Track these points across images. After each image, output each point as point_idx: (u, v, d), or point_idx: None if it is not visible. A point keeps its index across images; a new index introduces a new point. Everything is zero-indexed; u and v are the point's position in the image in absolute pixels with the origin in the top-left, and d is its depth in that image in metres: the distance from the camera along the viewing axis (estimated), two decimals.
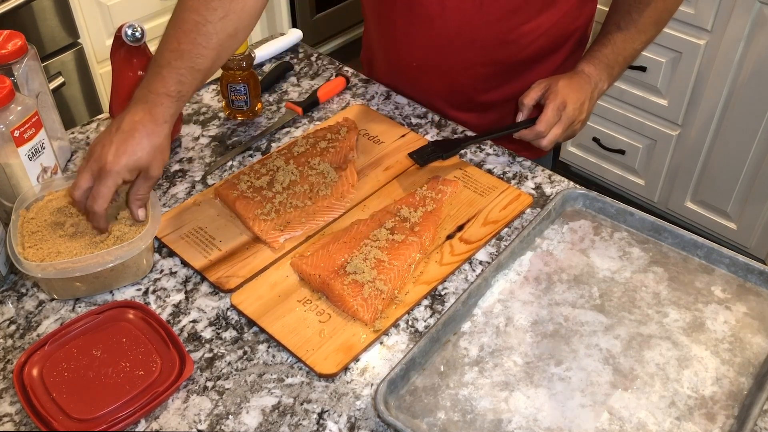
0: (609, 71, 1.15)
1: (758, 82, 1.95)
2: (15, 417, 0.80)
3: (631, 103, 2.25)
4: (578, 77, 1.12)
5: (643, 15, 1.14)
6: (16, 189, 0.97)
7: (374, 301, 0.88)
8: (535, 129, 1.08)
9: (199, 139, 1.19)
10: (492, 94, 1.23)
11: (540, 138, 1.09)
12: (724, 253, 0.96)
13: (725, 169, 2.14)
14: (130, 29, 1.04)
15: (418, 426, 0.78)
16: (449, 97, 1.25)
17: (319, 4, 3.07)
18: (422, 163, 1.10)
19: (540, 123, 1.08)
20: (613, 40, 1.15)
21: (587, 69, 1.14)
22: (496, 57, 1.17)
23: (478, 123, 1.26)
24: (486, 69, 1.19)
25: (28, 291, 0.94)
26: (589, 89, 1.12)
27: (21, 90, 1.02)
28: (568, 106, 1.08)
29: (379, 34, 1.29)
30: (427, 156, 1.10)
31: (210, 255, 0.97)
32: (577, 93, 1.10)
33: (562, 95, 1.08)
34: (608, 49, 1.15)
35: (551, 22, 1.14)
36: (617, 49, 1.15)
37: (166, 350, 0.84)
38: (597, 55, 1.15)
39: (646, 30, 1.16)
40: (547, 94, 1.10)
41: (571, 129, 1.11)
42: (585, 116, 1.13)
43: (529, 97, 1.11)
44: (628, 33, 1.15)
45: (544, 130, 1.08)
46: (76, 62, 2.06)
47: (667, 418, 0.79)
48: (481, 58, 1.17)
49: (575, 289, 0.94)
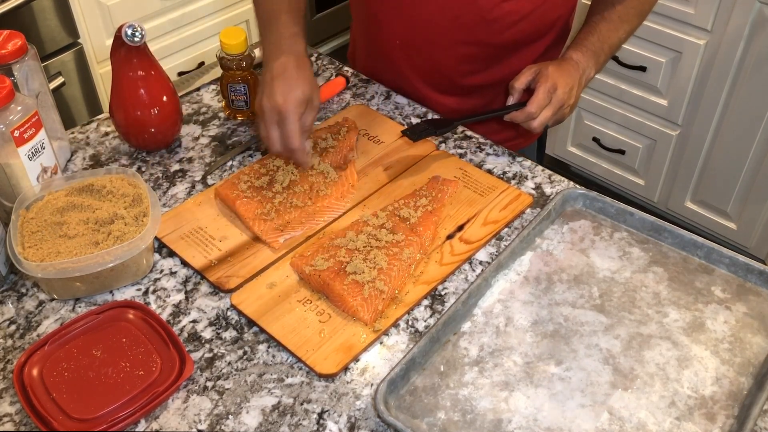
0: (596, 58, 1.18)
1: (758, 82, 1.95)
2: (15, 417, 0.80)
3: (631, 103, 2.25)
4: (567, 63, 1.15)
5: (626, 5, 1.18)
6: (16, 189, 0.97)
7: (374, 301, 0.88)
8: (526, 110, 1.10)
9: (199, 139, 1.19)
10: (474, 78, 1.24)
11: (531, 119, 1.11)
12: (724, 253, 0.96)
13: (725, 169, 2.14)
14: (130, 29, 1.04)
15: (418, 426, 0.78)
16: (431, 80, 1.26)
17: (319, 4, 3.07)
18: (414, 138, 1.11)
19: (531, 104, 1.10)
20: (598, 28, 1.18)
21: (575, 56, 1.17)
22: (478, 37, 1.18)
23: (459, 107, 1.28)
24: (468, 49, 1.20)
25: (28, 291, 0.94)
26: (578, 75, 1.15)
27: (21, 90, 1.02)
28: (558, 89, 1.11)
29: (362, 17, 1.31)
30: (419, 132, 1.11)
31: (210, 255, 0.97)
32: (566, 77, 1.13)
33: (553, 79, 1.11)
34: (594, 37, 1.18)
35: (533, 5, 1.16)
36: (602, 38, 1.18)
37: (166, 350, 0.84)
38: (584, 42, 1.18)
39: (629, 20, 1.19)
40: (537, 78, 1.13)
41: (560, 112, 1.14)
42: (574, 101, 1.16)
43: (520, 81, 1.14)
44: (612, 23, 1.18)
45: (535, 111, 1.10)
46: (76, 62, 2.05)
47: (667, 418, 0.79)
48: (463, 36, 1.18)
49: (575, 289, 0.94)
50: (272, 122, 0.98)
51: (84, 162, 1.15)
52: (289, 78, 0.99)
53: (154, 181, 1.11)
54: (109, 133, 1.20)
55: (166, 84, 1.12)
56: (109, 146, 1.18)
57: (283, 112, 0.97)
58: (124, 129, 1.13)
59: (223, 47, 1.16)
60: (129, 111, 1.10)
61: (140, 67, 1.08)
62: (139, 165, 1.14)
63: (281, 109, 0.97)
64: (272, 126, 0.98)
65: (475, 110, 1.28)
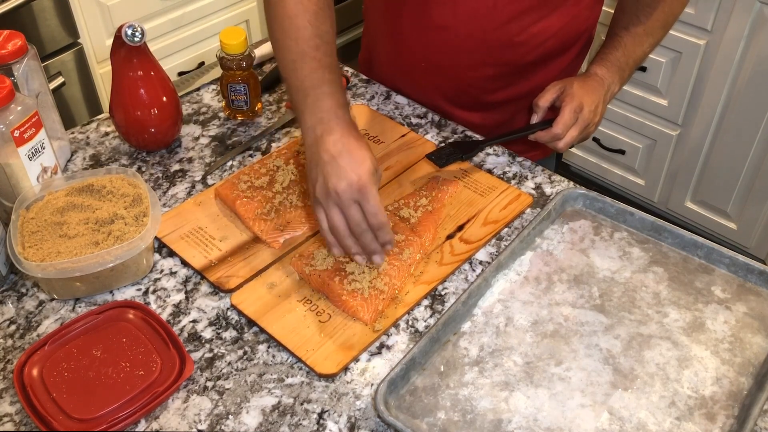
0: (620, 74, 1.16)
1: (758, 82, 1.95)
2: (15, 417, 0.80)
3: (631, 103, 2.25)
4: (592, 80, 1.13)
5: (651, 18, 1.15)
6: (16, 189, 0.97)
7: (374, 301, 0.88)
8: (553, 131, 1.08)
9: (199, 139, 1.19)
10: (498, 94, 1.23)
11: (557, 140, 1.09)
12: (724, 253, 0.96)
13: (725, 169, 2.14)
14: (130, 29, 1.04)
15: (418, 426, 0.78)
16: (454, 98, 1.25)
17: None
18: (441, 164, 1.09)
19: (557, 125, 1.08)
20: (623, 42, 1.16)
21: (600, 72, 1.14)
22: (504, 58, 1.17)
23: (482, 123, 1.25)
24: (493, 70, 1.18)
25: (28, 291, 0.94)
26: (603, 92, 1.13)
27: (21, 90, 1.02)
28: (584, 109, 1.09)
29: (384, 36, 1.28)
30: (446, 157, 1.09)
31: (210, 255, 0.97)
32: (591, 95, 1.10)
33: (578, 97, 1.09)
34: (619, 52, 1.16)
35: (562, 23, 1.14)
36: (627, 52, 1.16)
37: (166, 350, 0.84)
38: (609, 57, 1.16)
39: (654, 33, 1.17)
40: (562, 97, 1.10)
41: (586, 131, 1.12)
42: (599, 118, 1.13)
43: (544, 99, 1.11)
44: (637, 36, 1.16)
45: (561, 132, 1.08)
46: (76, 62, 2.05)
47: (667, 418, 0.79)
48: (489, 58, 1.17)
49: (575, 289, 0.94)
50: (350, 203, 0.84)
51: (84, 162, 1.15)
52: (354, 152, 0.85)
53: (154, 181, 1.11)
54: (109, 133, 1.20)
55: (166, 84, 1.12)
56: (109, 146, 1.18)
57: (363, 188, 0.83)
58: (124, 129, 1.13)
59: (223, 47, 1.16)
60: (129, 111, 1.10)
61: (140, 67, 1.08)
62: (139, 165, 1.14)
63: (360, 186, 0.83)
64: (351, 206, 0.84)
65: (498, 124, 1.26)
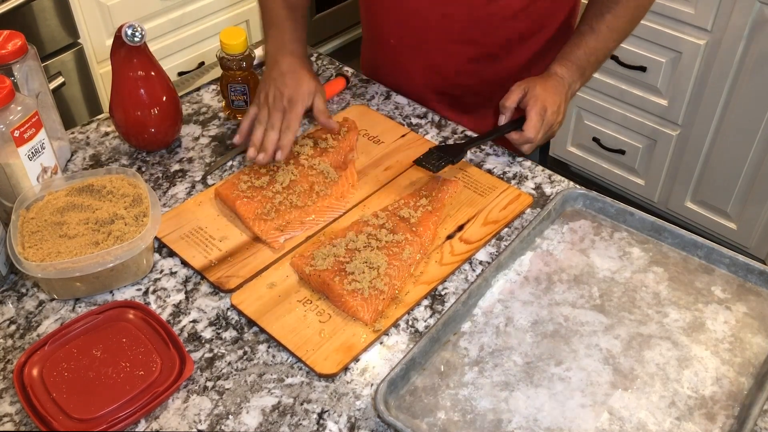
0: (581, 72, 1.17)
1: (758, 82, 1.95)
2: (15, 417, 0.80)
3: (631, 103, 2.25)
4: (553, 80, 1.15)
5: (616, 15, 1.16)
6: (16, 189, 0.97)
7: (374, 301, 0.88)
8: (526, 136, 1.10)
9: (199, 139, 1.19)
10: (471, 77, 1.24)
11: (528, 143, 1.11)
12: (724, 253, 0.96)
13: (725, 169, 2.14)
14: (130, 29, 1.04)
15: (418, 426, 0.78)
16: (428, 81, 1.27)
17: (319, 4, 3.07)
18: (435, 170, 1.08)
19: (529, 130, 1.10)
20: (586, 41, 1.17)
21: (560, 71, 1.16)
22: (470, 35, 1.18)
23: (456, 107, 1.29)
24: (461, 48, 1.20)
25: (28, 291, 0.94)
26: (564, 91, 1.15)
27: (21, 90, 1.02)
28: (547, 110, 1.11)
29: (364, 15, 1.33)
30: (437, 162, 1.09)
31: (210, 255, 0.97)
32: (553, 96, 1.12)
33: (542, 100, 1.11)
34: (581, 51, 1.17)
35: (522, 2, 1.15)
36: (589, 51, 1.17)
37: (166, 350, 0.84)
38: (570, 57, 1.17)
39: (619, 29, 1.18)
40: (526, 100, 1.12)
41: (550, 131, 1.14)
42: (561, 118, 1.16)
43: (510, 99, 1.13)
44: (600, 34, 1.17)
45: (533, 136, 1.10)
46: (76, 62, 2.05)
47: (667, 418, 0.79)
48: (455, 35, 1.18)
49: (575, 289, 0.94)
50: (280, 107, 1.05)
51: (84, 162, 1.15)
52: (298, 73, 1.08)
53: (154, 181, 1.11)
54: (109, 133, 1.20)
55: (166, 84, 1.12)
56: (109, 146, 1.18)
57: (294, 101, 1.05)
58: (124, 129, 1.13)
59: (223, 47, 1.16)
60: (129, 111, 1.10)
61: (140, 67, 1.08)
62: (139, 165, 1.14)
63: (293, 98, 1.05)
64: (280, 109, 1.05)
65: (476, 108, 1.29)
